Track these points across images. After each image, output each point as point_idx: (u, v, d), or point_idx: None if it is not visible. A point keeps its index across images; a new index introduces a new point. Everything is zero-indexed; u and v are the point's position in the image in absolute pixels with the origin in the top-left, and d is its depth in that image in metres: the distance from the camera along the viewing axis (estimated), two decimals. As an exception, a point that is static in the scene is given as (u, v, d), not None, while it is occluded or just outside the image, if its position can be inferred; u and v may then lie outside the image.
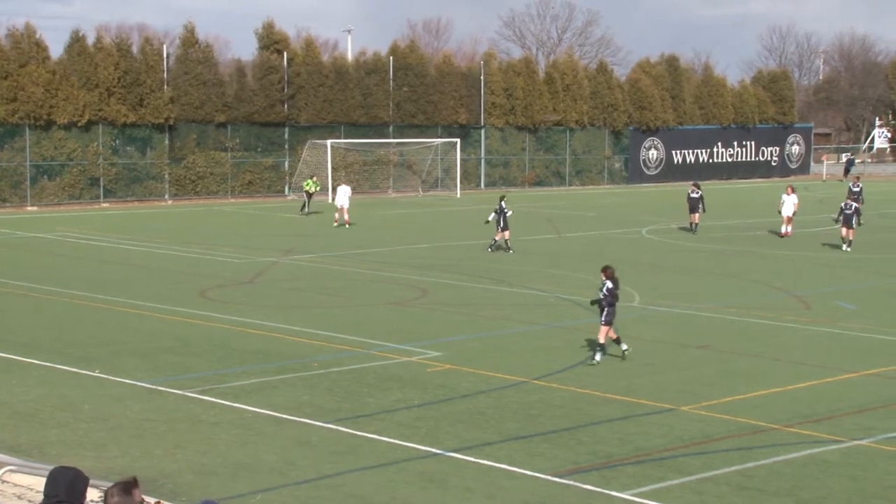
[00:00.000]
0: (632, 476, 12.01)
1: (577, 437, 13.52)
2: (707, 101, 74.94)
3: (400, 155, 62.30)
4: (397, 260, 30.95)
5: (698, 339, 19.73)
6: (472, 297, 24.69)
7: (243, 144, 56.99)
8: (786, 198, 37.36)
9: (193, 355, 18.22)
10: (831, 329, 20.69)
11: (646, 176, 72.19)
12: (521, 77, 65.95)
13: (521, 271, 28.65)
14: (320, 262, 30.55)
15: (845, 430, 13.81)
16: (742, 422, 14.13)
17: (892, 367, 17.40)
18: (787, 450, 12.96)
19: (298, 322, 21.10)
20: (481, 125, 64.89)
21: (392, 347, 18.78)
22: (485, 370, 17.05)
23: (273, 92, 56.97)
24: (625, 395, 15.53)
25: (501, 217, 32.42)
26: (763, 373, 17.03)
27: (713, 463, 12.46)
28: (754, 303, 23.73)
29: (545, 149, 67.88)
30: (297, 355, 18.13)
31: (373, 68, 60.97)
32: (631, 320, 21.56)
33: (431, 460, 12.61)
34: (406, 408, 14.89)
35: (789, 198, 37.25)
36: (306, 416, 14.45)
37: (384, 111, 61.18)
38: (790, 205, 37.15)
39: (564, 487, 11.68)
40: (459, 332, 20.44)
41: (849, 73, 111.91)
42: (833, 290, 25.52)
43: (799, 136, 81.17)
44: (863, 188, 42.23)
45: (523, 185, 66.41)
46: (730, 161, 77.02)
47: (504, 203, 32.87)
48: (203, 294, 24.72)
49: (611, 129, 70.12)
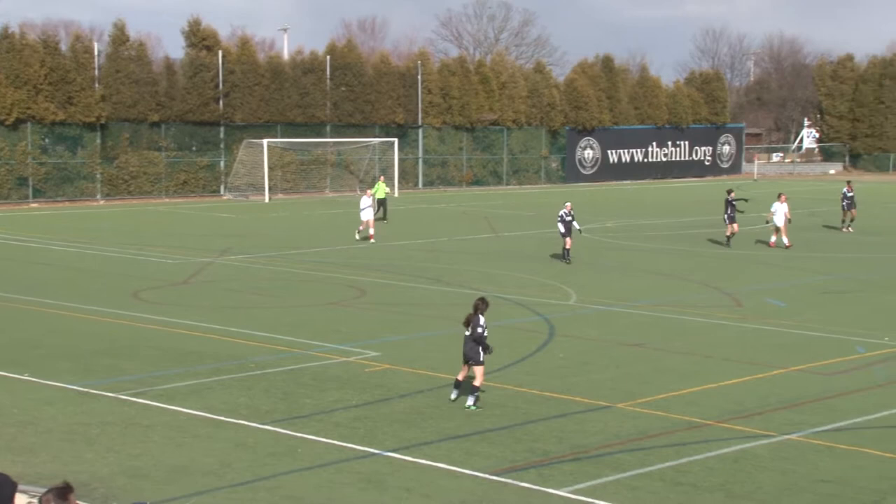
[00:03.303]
0: (569, 473, 12.11)
1: (515, 435, 13.59)
2: (642, 102, 75.81)
3: (337, 154, 62.07)
4: (335, 260, 30.83)
5: (633, 337, 19.95)
6: (409, 296, 24.69)
7: (177, 144, 56.34)
8: (777, 206, 33.98)
9: (126, 358, 17.97)
10: (761, 326, 21.05)
11: (582, 175, 72.81)
12: (456, 77, 66.11)
13: (458, 271, 28.72)
14: (257, 263, 30.32)
15: (775, 425, 14.06)
16: (676, 418, 14.32)
17: (820, 362, 17.76)
18: (720, 445, 13.17)
19: (234, 323, 20.92)
20: (419, 125, 64.92)
21: (330, 348, 18.70)
22: (423, 370, 17.07)
23: (206, 90, 56.40)
24: (561, 393, 15.65)
25: (565, 224, 30.14)
26: (696, 370, 17.27)
27: (648, 459, 12.61)
28: (688, 301, 24.06)
29: (482, 148, 68.11)
30: (232, 356, 17.98)
31: (309, 67, 60.67)
32: (567, 319, 21.73)
33: (369, 461, 12.59)
34: (344, 408, 14.84)
35: (781, 206, 33.90)
36: (243, 417, 14.33)
37: (321, 110, 60.91)
38: (782, 214, 33.83)
39: (502, 486, 11.74)
40: (397, 332, 20.43)
41: (778, 74, 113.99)
42: (763, 288, 25.96)
43: (731, 136, 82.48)
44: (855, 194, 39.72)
45: (461, 184, 66.56)
46: (664, 161, 78.01)
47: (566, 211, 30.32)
48: (136, 295, 24.39)
49: (548, 128, 70.61)
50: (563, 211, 30.60)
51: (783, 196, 34.57)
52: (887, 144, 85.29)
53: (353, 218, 46.46)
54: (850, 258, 31.89)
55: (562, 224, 30.35)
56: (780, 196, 34.55)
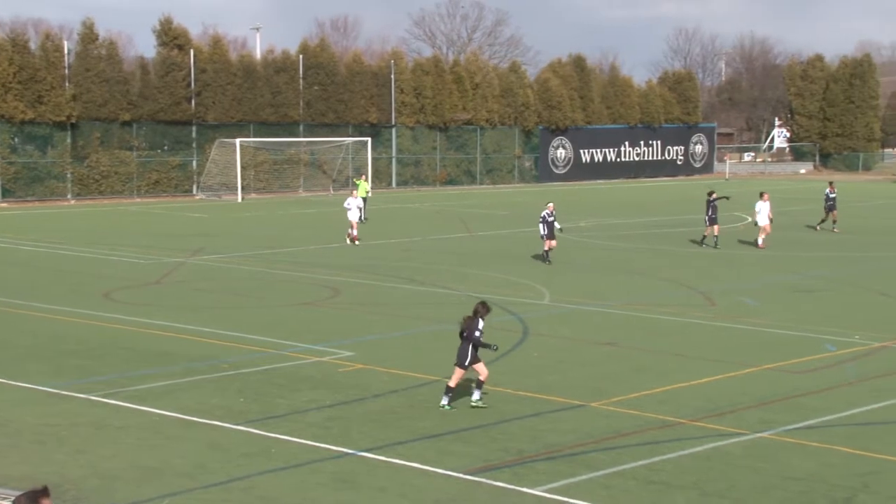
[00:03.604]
0: (542, 472, 12.13)
1: (489, 434, 13.60)
2: (614, 101, 76.10)
3: (311, 154, 61.93)
4: (309, 260, 30.75)
5: (606, 335, 20.02)
6: (384, 296, 24.66)
7: (149, 143, 56.01)
8: (760, 205, 33.76)
9: (97, 358, 17.84)
10: (734, 325, 21.18)
11: (555, 175, 73.01)
12: (430, 76, 66.10)
13: (432, 270, 28.72)
14: (230, 263, 30.19)
15: (748, 423, 14.15)
16: (649, 417, 14.38)
17: (791, 361, 17.89)
18: (693, 443, 13.23)
19: (207, 323, 20.82)
20: (392, 124, 64.86)
21: (303, 348, 18.65)
22: (397, 369, 17.05)
23: (178, 89, 56.10)
24: (535, 392, 15.68)
25: (547, 225, 29.93)
26: (669, 368, 17.35)
27: (622, 458, 12.65)
28: (661, 300, 24.16)
29: (456, 148, 68.16)
30: (205, 357, 17.89)
31: (282, 66, 60.48)
32: (541, 318, 21.78)
33: (344, 461, 12.57)
34: (318, 408, 14.80)
35: (764, 205, 33.66)
36: (216, 418, 14.26)
37: (294, 110, 60.73)
38: (765, 213, 33.65)
39: (476, 485, 11.75)
40: (371, 331, 20.40)
41: (749, 74, 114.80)
42: (737, 287, 26.12)
43: (703, 135, 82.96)
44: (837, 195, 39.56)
45: (435, 183, 66.57)
46: (636, 160, 78.35)
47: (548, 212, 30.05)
48: (107, 296, 24.23)
49: (521, 128, 70.74)
50: (546, 212, 30.09)
51: (766, 195, 34.31)
52: (856, 144, 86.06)
53: (327, 217, 46.36)
54: (822, 257, 32.13)
55: (544, 225, 29.96)
56: (762, 195, 34.28)
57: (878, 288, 25.93)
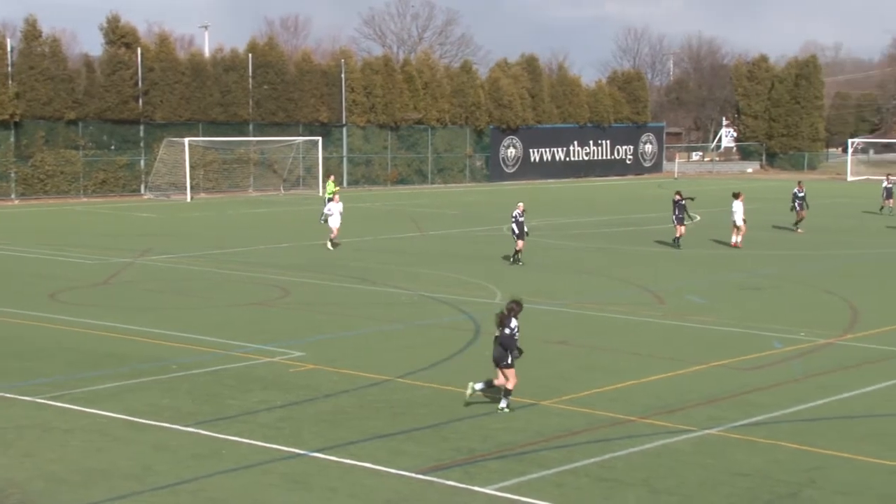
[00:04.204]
0: (494, 471, 12.15)
1: (441, 433, 13.60)
2: (564, 101, 76.52)
3: (261, 153, 61.55)
4: (258, 260, 30.55)
5: (558, 334, 20.11)
6: (334, 296, 24.56)
7: (95, 142, 55.32)
8: (736, 205, 33.44)
9: (43, 360, 17.57)
10: (683, 323, 21.38)
11: (506, 174, 73.25)
12: (380, 75, 66.00)
13: (384, 270, 28.66)
14: (179, 263, 29.90)
15: (696, 420, 14.28)
16: (600, 415, 14.46)
17: (739, 358, 18.09)
18: (643, 441, 13.33)
19: (156, 324, 20.60)
20: (343, 123, 64.66)
21: (254, 348, 18.52)
22: (348, 369, 16.99)
23: (125, 88, 55.48)
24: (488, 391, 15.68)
25: (518, 225, 29.40)
26: (620, 367, 17.47)
27: (573, 456, 12.71)
28: (612, 298, 24.32)
29: (407, 147, 68.13)
30: (154, 358, 17.69)
31: (231, 65, 60.04)
32: (493, 316, 21.79)
33: (295, 461, 12.50)
34: (268, 409, 14.70)
35: (739, 205, 33.41)
36: (165, 419, 14.11)
37: (243, 109, 60.32)
38: (740, 213, 33.41)
39: (428, 484, 11.74)
40: (322, 331, 20.31)
41: (697, 74, 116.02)
42: (685, 285, 26.37)
43: (652, 135, 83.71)
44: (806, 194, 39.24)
45: (386, 183, 66.48)
46: (586, 159, 78.84)
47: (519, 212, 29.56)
48: (53, 297, 23.88)
49: (472, 127, 70.87)
50: (517, 212, 29.57)
51: (741, 195, 34.02)
52: (802, 144, 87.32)
53: (277, 217, 46.12)
54: (769, 255, 32.53)
55: (515, 225, 29.46)
56: (737, 195, 33.87)
57: (824, 286, 26.32)
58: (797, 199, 38.86)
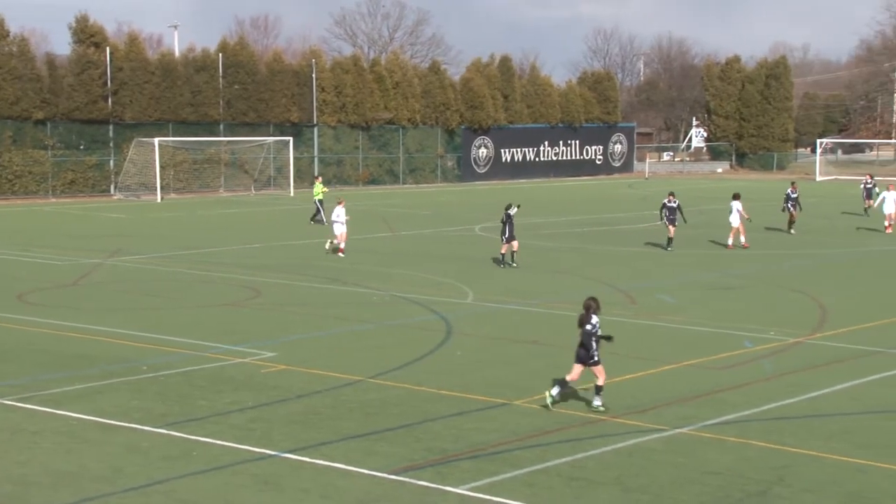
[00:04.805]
0: (466, 471, 12.16)
1: (414, 434, 13.60)
2: (535, 101, 76.67)
3: (231, 153, 61.27)
4: (230, 260, 30.41)
5: (529, 334, 20.15)
6: (306, 296, 24.50)
7: (64, 142, 54.88)
8: (734, 205, 33.34)
9: (11, 361, 17.41)
10: (655, 322, 21.49)
11: (477, 174, 73.33)
12: (350, 75, 65.89)
13: (355, 270, 28.61)
14: (149, 264, 29.72)
15: (667, 419, 14.36)
16: (572, 414, 14.51)
17: (710, 357, 18.21)
18: (615, 440, 13.39)
19: (126, 325, 20.46)
20: (314, 123, 64.49)
21: (225, 349, 18.44)
22: (320, 370, 16.95)
23: (94, 88, 55.07)
24: (459, 391, 15.71)
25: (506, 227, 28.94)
26: (591, 365, 17.51)
27: (545, 455, 12.74)
28: (583, 298, 24.34)
29: (378, 147, 68.03)
30: (124, 359, 17.57)
31: (201, 65, 59.73)
32: (464, 317, 21.84)
33: (266, 462, 12.45)
34: (240, 410, 14.64)
35: (737, 206, 33.26)
36: (135, 421, 14.03)
37: (214, 109, 60.02)
38: (737, 214, 33.25)
39: (400, 485, 11.73)
40: (294, 332, 20.25)
41: (668, 74, 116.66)
42: (656, 285, 26.50)
43: (622, 135, 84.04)
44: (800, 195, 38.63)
45: (357, 183, 66.35)
46: (555, 159, 79.05)
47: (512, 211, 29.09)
48: (21, 298, 23.66)
49: (443, 127, 70.88)
50: (513, 210, 28.99)
51: (738, 196, 33.96)
52: (771, 144, 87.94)
53: (248, 217, 45.92)
54: (740, 255, 32.73)
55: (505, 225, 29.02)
56: (735, 196, 33.85)
57: (793, 285, 26.53)
58: (790, 199, 38.08)
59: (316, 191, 42.45)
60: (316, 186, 42.73)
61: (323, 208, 41.50)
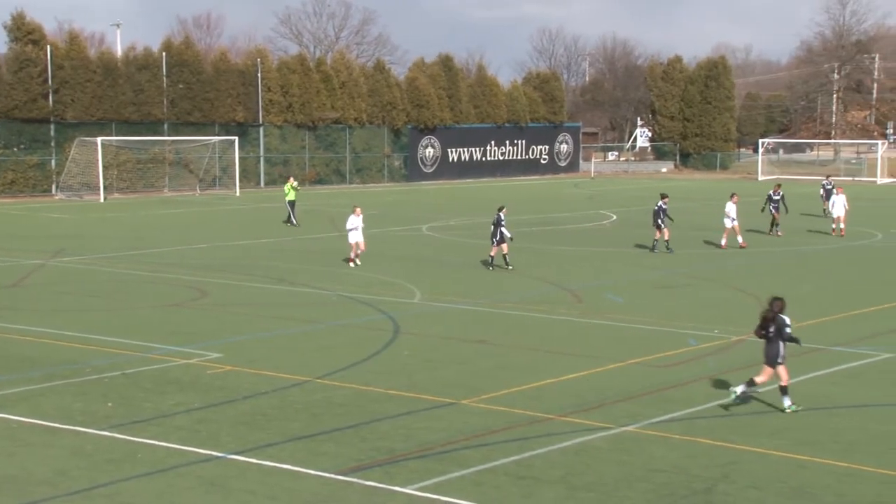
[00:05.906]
0: (414, 471, 12.17)
1: (361, 434, 13.57)
2: (481, 101, 76.88)
3: (176, 153, 60.67)
4: (175, 260, 30.12)
5: (476, 333, 20.20)
6: (252, 296, 24.34)
7: (3, 141, 53.96)
8: (730, 206, 33.51)
9: (-48, 365, 17.09)
10: (600, 321, 21.65)
11: (424, 174, 73.36)
12: (296, 74, 65.56)
13: (302, 270, 28.48)
14: (92, 264, 29.32)
15: (614, 417, 14.48)
16: (519, 413, 14.58)
17: (655, 355, 18.39)
18: (561, 438, 13.47)
19: (69, 326, 20.18)
20: (259, 123, 64.08)
21: (170, 350, 18.26)
22: (267, 370, 16.86)
23: (33, 86, 54.22)
24: (407, 391, 15.71)
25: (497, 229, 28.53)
26: (538, 365, 17.62)
27: (492, 454, 12.79)
28: (530, 297, 24.52)
29: (325, 147, 67.78)
30: (67, 361, 17.33)
31: (144, 64, 59.08)
32: (412, 316, 21.84)
33: (212, 464, 12.36)
34: (185, 411, 14.52)
35: (733, 206, 33.45)
36: (78, 423, 13.84)
37: (158, 108, 59.39)
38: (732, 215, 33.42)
39: (347, 485, 11.71)
40: (240, 332, 20.11)
41: (612, 75, 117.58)
42: (603, 284, 26.71)
43: (568, 135, 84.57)
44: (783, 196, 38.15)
45: (304, 183, 66.06)
46: (502, 159, 79.34)
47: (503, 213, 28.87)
48: (-38, 300, 23.24)
49: (390, 127, 70.80)
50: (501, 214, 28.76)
51: (735, 196, 34.16)
52: (714, 144, 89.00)
53: (193, 217, 45.50)
54: (686, 254, 33.08)
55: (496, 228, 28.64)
56: (732, 196, 34.06)
57: (735, 284, 26.88)
58: (772, 201, 37.85)
59: (287, 190, 41.07)
60: (286, 186, 41.14)
61: (294, 210, 40.54)
